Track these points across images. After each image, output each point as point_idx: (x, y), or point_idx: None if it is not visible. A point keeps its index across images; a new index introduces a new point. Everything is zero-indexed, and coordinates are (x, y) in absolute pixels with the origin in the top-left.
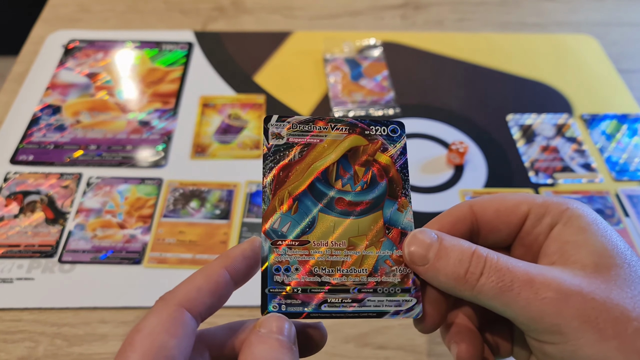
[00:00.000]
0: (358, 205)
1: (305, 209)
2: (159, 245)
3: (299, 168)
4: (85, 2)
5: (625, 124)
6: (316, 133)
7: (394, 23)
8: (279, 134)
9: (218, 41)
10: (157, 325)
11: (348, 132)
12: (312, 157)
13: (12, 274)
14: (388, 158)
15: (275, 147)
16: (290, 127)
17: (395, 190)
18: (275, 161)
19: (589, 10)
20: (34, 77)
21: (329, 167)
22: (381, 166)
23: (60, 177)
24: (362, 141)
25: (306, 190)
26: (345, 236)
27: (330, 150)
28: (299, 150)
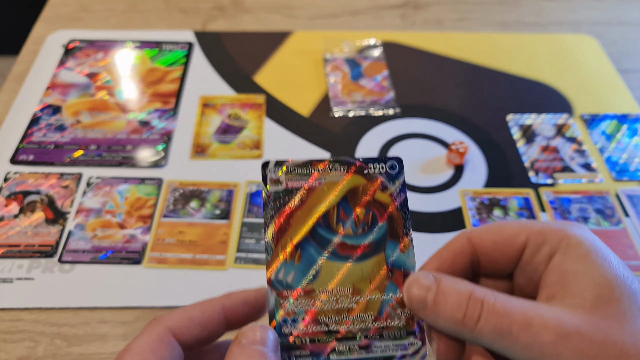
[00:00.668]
0: (360, 249)
1: (308, 256)
2: (158, 246)
3: (300, 214)
4: (86, 2)
5: (625, 124)
6: (315, 176)
7: (393, 23)
8: (278, 180)
9: (218, 41)
10: (145, 345)
11: (346, 172)
12: (312, 202)
13: (12, 273)
14: (388, 197)
15: (274, 193)
16: (288, 171)
17: (397, 230)
18: (276, 209)
19: (588, 9)
20: (34, 76)
21: (330, 211)
22: (381, 206)
23: (60, 177)
24: (361, 180)
25: (308, 236)
26: (350, 281)
27: (330, 193)
28: (299, 196)
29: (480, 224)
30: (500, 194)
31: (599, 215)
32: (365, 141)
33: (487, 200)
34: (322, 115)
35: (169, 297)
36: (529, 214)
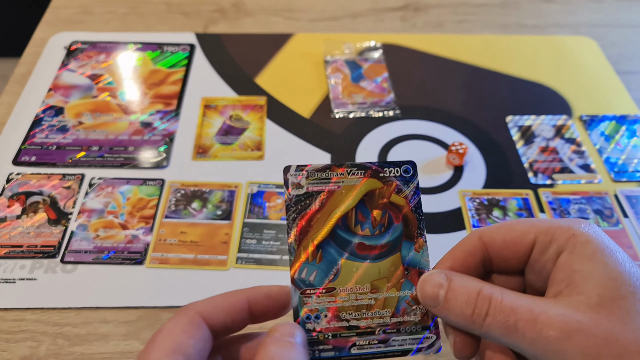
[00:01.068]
0: (378, 249)
1: (329, 256)
2: (160, 246)
3: (320, 217)
4: (87, 4)
5: (624, 125)
6: (334, 180)
7: (394, 25)
8: (299, 184)
9: (219, 43)
10: (176, 327)
11: (363, 175)
12: (332, 205)
13: (14, 274)
14: (403, 199)
15: (296, 197)
16: (308, 175)
17: (412, 231)
18: (298, 212)
19: (587, 11)
20: (37, 78)
21: (348, 213)
22: (397, 208)
23: (62, 177)
24: (377, 184)
25: (328, 238)
26: (368, 280)
27: (348, 196)
28: (319, 199)
29: (480, 224)
30: (499, 194)
31: (598, 215)
32: (366, 142)
33: (486, 200)
34: (323, 117)
35: (171, 297)
36: (528, 215)
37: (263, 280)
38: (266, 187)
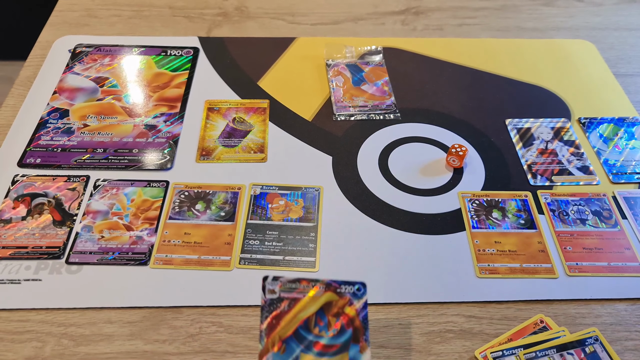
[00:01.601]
0: (330, 348)
1: (290, 350)
2: (164, 247)
3: (287, 317)
4: (92, 8)
5: (622, 127)
6: (300, 290)
7: (394, 29)
8: (273, 291)
9: (223, 47)
10: None
11: (325, 289)
12: (297, 309)
13: (19, 275)
14: (353, 311)
15: (270, 300)
16: (282, 285)
17: (358, 336)
18: (270, 311)
19: (586, 15)
20: (42, 81)
21: (310, 317)
22: (348, 317)
23: (67, 179)
24: (334, 297)
25: (292, 335)
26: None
27: (311, 303)
28: (288, 304)
29: (479, 225)
30: (498, 196)
31: (597, 217)
32: (367, 145)
33: (485, 202)
34: (325, 120)
35: (175, 298)
36: (527, 216)
37: None
38: (269, 188)
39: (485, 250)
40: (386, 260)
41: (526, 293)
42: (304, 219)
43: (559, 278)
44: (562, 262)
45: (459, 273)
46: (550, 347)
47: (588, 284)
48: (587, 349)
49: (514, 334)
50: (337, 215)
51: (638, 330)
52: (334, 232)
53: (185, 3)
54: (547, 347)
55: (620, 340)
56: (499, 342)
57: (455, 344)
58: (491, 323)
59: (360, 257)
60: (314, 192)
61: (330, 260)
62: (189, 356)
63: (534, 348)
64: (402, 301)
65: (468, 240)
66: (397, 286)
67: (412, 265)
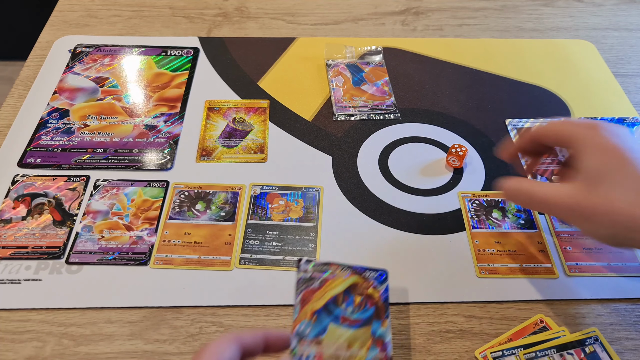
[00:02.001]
0: (355, 322)
1: (320, 320)
2: (165, 247)
3: (318, 293)
4: (92, 8)
5: None
6: (330, 272)
7: (394, 29)
8: (306, 270)
9: (223, 47)
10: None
11: (351, 273)
12: (327, 287)
13: (20, 275)
14: (376, 293)
15: (303, 278)
16: (314, 266)
17: (380, 314)
18: (304, 287)
19: (586, 15)
20: (42, 81)
21: (338, 294)
22: (371, 298)
23: (67, 179)
24: (360, 280)
25: (322, 308)
26: (346, 340)
27: (339, 283)
28: (319, 282)
29: (479, 225)
30: (498, 196)
31: None
32: (367, 145)
33: (485, 202)
34: (325, 120)
35: (175, 298)
36: (527, 216)
37: (266, 280)
38: (269, 188)
39: (485, 250)
40: (386, 260)
41: (526, 293)
42: (304, 219)
43: (559, 278)
44: (562, 262)
45: (459, 273)
46: (550, 347)
47: (588, 284)
48: (587, 349)
49: (514, 334)
50: (337, 215)
51: (638, 330)
52: (334, 232)
53: (186, 3)
54: (547, 347)
55: (620, 340)
56: (499, 342)
57: (455, 344)
58: (491, 323)
59: (360, 257)
60: (314, 192)
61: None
62: (189, 356)
63: (534, 348)
64: (402, 301)
65: (468, 240)
66: (397, 286)
67: (412, 265)
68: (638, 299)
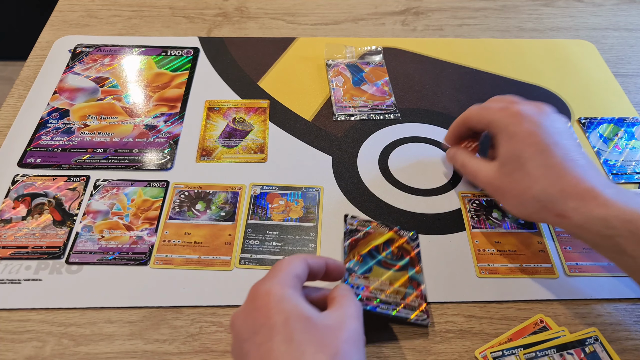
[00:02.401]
0: (394, 266)
1: (366, 261)
2: (165, 247)
3: (363, 242)
4: (92, 8)
5: (622, 127)
6: (372, 227)
7: (395, 29)
8: (352, 224)
9: (223, 47)
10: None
11: (388, 230)
12: (369, 238)
13: (20, 274)
14: (410, 248)
15: (350, 230)
16: (358, 221)
17: (414, 263)
18: (351, 236)
19: (586, 15)
20: (42, 81)
21: (378, 244)
22: (406, 251)
23: (67, 179)
24: (396, 236)
25: (366, 253)
26: (388, 278)
27: (379, 236)
28: (363, 234)
29: (479, 225)
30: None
31: None
32: (367, 145)
33: (485, 202)
34: (325, 120)
35: (175, 298)
36: None
37: None
38: (269, 188)
39: (485, 250)
40: None
41: (526, 293)
42: (304, 219)
43: (559, 278)
44: (562, 262)
45: (459, 273)
46: (550, 347)
47: (588, 284)
48: (587, 348)
49: (513, 334)
50: (337, 216)
51: (638, 330)
52: (334, 232)
53: (186, 3)
54: (547, 347)
55: (620, 340)
56: (499, 342)
57: (455, 344)
58: (491, 323)
59: None
60: (314, 192)
61: None
62: (189, 356)
63: (534, 348)
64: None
65: (468, 240)
66: None
67: None
68: (638, 299)
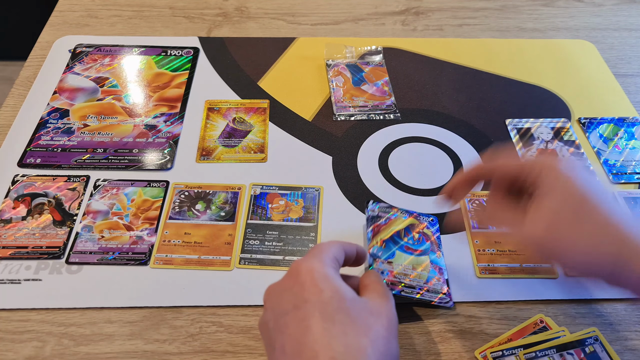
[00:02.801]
0: (416, 251)
1: (389, 246)
2: (165, 247)
3: (384, 228)
4: (92, 8)
5: (622, 127)
6: (392, 213)
7: (395, 29)
8: (374, 210)
9: (223, 47)
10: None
11: (409, 216)
12: (390, 224)
13: (20, 275)
14: (430, 233)
15: (372, 215)
16: (379, 207)
17: (435, 248)
18: (373, 222)
19: (586, 15)
20: (42, 81)
21: (400, 230)
22: (427, 236)
23: (67, 179)
24: (416, 221)
25: (389, 239)
26: (410, 263)
27: (400, 222)
28: (384, 220)
29: (479, 225)
30: None
31: None
32: (367, 145)
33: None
34: (325, 120)
35: (175, 297)
36: None
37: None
38: (269, 188)
39: (485, 250)
40: None
41: (526, 293)
42: (304, 219)
43: (559, 278)
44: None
45: (459, 273)
46: (550, 347)
47: (588, 284)
48: (587, 349)
49: (513, 334)
50: (337, 215)
51: (638, 330)
52: (334, 232)
53: (186, 3)
54: (547, 347)
55: (620, 340)
56: (499, 342)
57: (455, 344)
58: (491, 323)
59: None
60: (314, 192)
61: None
62: (189, 356)
63: (534, 348)
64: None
65: (468, 240)
66: None
67: None
68: (638, 299)
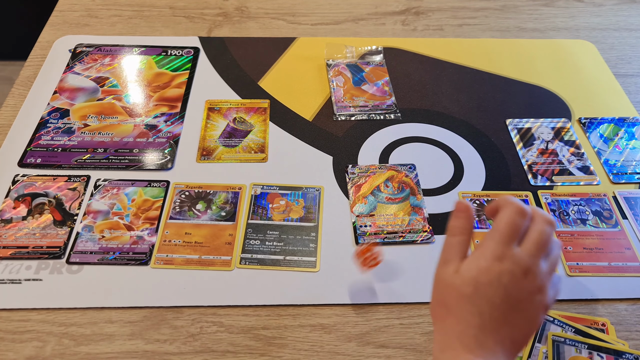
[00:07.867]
0: (396, 199)
1: (370, 202)
2: (165, 247)
3: (365, 185)
4: (93, 8)
5: (623, 127)
6: (371, 170)
7: (395, 29)
8: (354, 173)
9: (223, 47)
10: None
11: (387, 169)
12: (371, 180)
13: (20, 274)
14: (409, 180)
15: (352, 178)
16: (358, 168)
17: (414, 192)
18: (353, 183)
19: (587, 15)
20: (42, 81)
21: (379, 184)
22: (406, 183)
23: (68, 179)
24: (394, 173)
25: (369, 194)
26: (392, 211)
27: (379, 177)
28: (364, 179)
29: (479, 225)
30: (499, 196)
31: (597, 217)
32: (367, 145)
33: (486, 202)
34: (325, 120)
35: (176, 297)
36: None
37: (266, 280)
38: (269, 188)
39: None
40: (386, 260)
41: None
42: (304, 219)
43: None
44: (562, 262)
45: None
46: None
47: (588, 284)
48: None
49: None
50: (338, 215)
51: (638, 330)
52: (334, 232)
53: (186, 3)
54: (584, 342)
55: (621, 340)
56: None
57: None
58: None
59: None
60: (314, 192)
61: (330, 260)
62: (190, 356)
63: (567, 335)
64: (402, 301)
65: None
66: (397, 286)
67: (413, 266)
68: (638, 299)
